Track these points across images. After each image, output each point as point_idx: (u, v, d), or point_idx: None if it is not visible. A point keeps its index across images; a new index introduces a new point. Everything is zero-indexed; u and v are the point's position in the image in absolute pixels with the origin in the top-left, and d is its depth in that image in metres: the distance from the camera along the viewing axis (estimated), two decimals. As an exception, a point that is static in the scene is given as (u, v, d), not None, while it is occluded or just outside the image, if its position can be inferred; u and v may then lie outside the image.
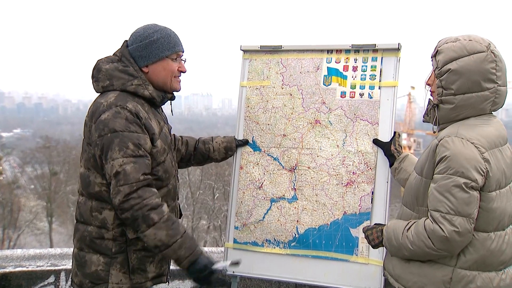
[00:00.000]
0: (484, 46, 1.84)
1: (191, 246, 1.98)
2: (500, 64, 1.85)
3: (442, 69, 1.88)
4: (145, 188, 1.95)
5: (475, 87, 1.83)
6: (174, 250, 1.95)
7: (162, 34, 2.13)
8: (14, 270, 3.12)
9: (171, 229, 1.95)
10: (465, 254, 1.83)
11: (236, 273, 2.65)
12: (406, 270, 1.96)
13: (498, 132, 1.88)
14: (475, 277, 1.84)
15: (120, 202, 1.91)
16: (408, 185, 2.05)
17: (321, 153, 2.52)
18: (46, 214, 29.80)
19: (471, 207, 1.75)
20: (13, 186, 30.36)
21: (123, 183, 1.91)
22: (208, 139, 2.65)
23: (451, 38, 1.91)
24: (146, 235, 1.93)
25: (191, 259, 1.97)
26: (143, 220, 1.91)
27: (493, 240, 1.83)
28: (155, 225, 1.92)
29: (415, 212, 1.96)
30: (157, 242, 1.93)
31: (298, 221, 2.53)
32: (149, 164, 2.01)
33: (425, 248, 1.81)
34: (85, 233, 2.09)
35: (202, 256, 2.00)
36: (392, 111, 2.43)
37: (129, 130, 1.97)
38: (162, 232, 1.93)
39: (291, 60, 2.62)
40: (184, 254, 1.96)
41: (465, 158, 1.76)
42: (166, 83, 2.17)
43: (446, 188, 1.77)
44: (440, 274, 1.86)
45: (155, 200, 1.95)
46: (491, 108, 1.88)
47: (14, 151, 39.93)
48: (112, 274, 2.06)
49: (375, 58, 2.48)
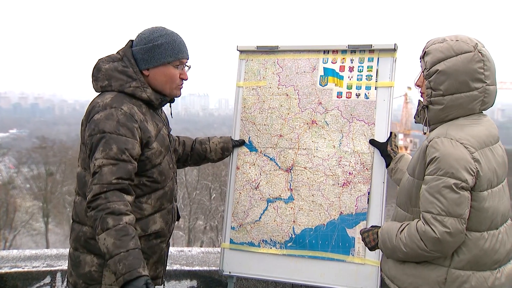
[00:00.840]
0: (471, 46, 1.85)
1: (131, 265, 1.79)
2: (488, 64, 1.85)
3: (430, 70, 1.89)
4: (115, 192, 1.89)
5: (464, 87, 1.84)
6: (114, 263, 1.80)
7: (167, 39, 2.10)
8: (10, 271, 3.11)
9: (119, 239, 1.81)
10: (458, 254, 1.84)
11: (232, 274, 2.65)
12: (401, 271, 1.96)
13: (488, 131, 1.88)
14: (469, 277, 1.84)
15: (88, 200, 1.89)
16: (401, 186, 2.05)
17: (317, 154, 2.52)
18: (42, 214, 29.69)
19: (462, 208, 1.76)
20: (9, 186, 30.23)
21: (96, 183, 1.89)
22: (204, 140, 2.65)
23: (439, 39, 1.91)
24: (99, 238, 1.85)
25: (126, 278, 1.78)
26: (100, 222, 1.84)
27: (487, 240, 1.84)
28: (107, 230, 1.83)
29: (409, 213, 1.97)
30: (104, 248, 1.83)
31: (295, 221, 2.54)
32: (131, 170, 1.96)
33: (418, 249, 1.81)
34: (80, 233, 2.09)
35: (140, 280, 1.78)
36: (388, 111, 2.44)
37: (117, 133, 1.95)
38: (110, 240, 1.82)
39: (287, 61, 2.63)
40: (121, 270, 1.79)
41: (454, 158, 1.76)
42: (164, 89, 2.15)
43: (437, 189, 1.77)
44: (435, 275, 1.86)
45: (119, 206, 1.86)
46: (481, 107, 1.88)
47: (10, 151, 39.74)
48: (105, 275, 2.05)
49: (372, 58, 2.48)
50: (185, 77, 2.19)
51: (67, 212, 28.39)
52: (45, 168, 31.41)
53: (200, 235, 27.50)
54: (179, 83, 2.18)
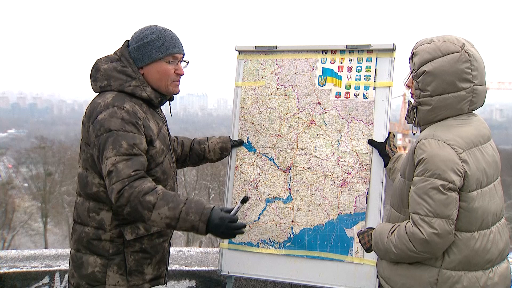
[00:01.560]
0: (458, 46, 1.84)
1: (197, 209, 1.89)
2: (475, 64, 1.84)
3: (418, 71, 1.89)
4: (136, 181, 1.90)
5: (451, 88, 1.84)
6: (184, 220, 1.87)
7: (157, 35, 2.10)
8: (8, 271, 3.11)
9: (171, 202, 1.88)
10: (449, 255, 1.83)
11: (231, 274, 2.65)
12: (395, 272, 1.96)
13: (477, 131, 1.87)
14: (461, 277, 1.83)
15: (115, 199, 1.89)
16: (394, 188, 2.05)
17: (316, 154, 2.52)
18: (40, 214, 29.65)
19: (450, 209, 1.75)
20: (8, 186, 30.18)
21: (115, 181, 1.89)
22: (203, 140, 2.65)
23: (426, 40, 1.92)
24: (153, 220, 1.88)
25: (204, 219, 1.87)
26: (142, 207, 1.86)
27: (477, 240, 1.83)
28: (155, 207, 1.87)
29: (402, 214, 1.97)
30: (165, 220, 1.87)
31: (293, 221, 2.54)
32: (144, 162, 1.98)
33: (408, 251, 1.82)
34: (82, 234, 2.08)
35: (214, 211, 1.89)
36: (386, 111, 2.44)
37: (124, 129, 1.95)
38: (165, 209, 1.86)
39: (286, 61, 2.63)
40: (195, 219, 1.87)
41: (441, 160, 1.76)
42: (160, 86, 2.14)
43: (424, 191, 1.77)
44: (427, 276, 1.86)
45: (147, 185, 1.89)
46: (469, 107, 1.88)
47: (9, 152, 39.70)
48: (109, 275, 2.05)
49: (370, 58, 2.49)
50: (180, 72, 2.17)
51: (65, 212, 28.36)
52: (44, 168, 31.36)
53: (198, 235, 27.46)
54: (174, 78, 2.16)
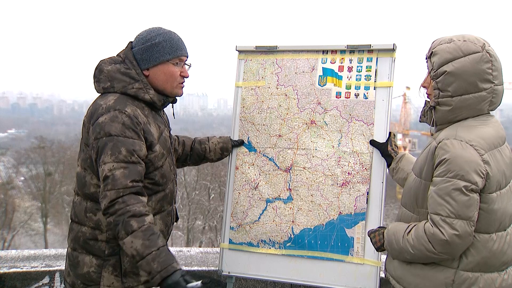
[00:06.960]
0: (479, 46, 1.83)
1: (165, 261, 1.83)
2: (496, 64, 1.83)
3: (438, 71, 1.86)
4: (132, 195, 1.89)
5: (472, 88, 1.82)
6: (147, 262, 1.83)
7: (164, 37, 2.10)
8: (8, 271, 3.11)
9: (148, 239, 1.84)
10: (467, 256, 1.82)
11: (231, 274, 2.65)
12: (408, 272, 1.95)
13: (496, 133, 1.87)
14: (478, 279, 1.83)
15: (105, 206, 1.89)
16: (407, 187, 2.03)
17: (316, 154, 2.52)
18: (40, 214, 29.66)
19: (471, 210, 1.74)
20: (8, 186, 30.18)
21: (110, 188, 1.88)
22: (204, 139, 2.65)
23: (445, 39, 1.88)
24: (124, 242, 1.86)
25: (163, 275, 1.81)
26: (123, 227, 1.85)
27: (495, 241, 1.83)
28: (133, 233, 1.84)
29: (415, 214, 1.95)
30: (133, 251, 1.84)
31: (294, 221, 2.54)
32: (141, 171, 1.97)
33: (426, 251, 1.80)
34: (79, 234, 2.08)
35: (176, 274, 1.82)
36: (387, 111, 2.44)
37: (124, 135, 1.95)
38: (138, 241, 1.83)
39: (286, 61, 2.62)
40: (156, 268, 1.82)
41: (464, 161, 1.74)
42: (165, 88, 2.14)
43: (446, 191, 1.76)
44: (443, 276, 1.85)
45: (139, 208, 1.88)
46: (489, 108, 1.87)
47: (9, 152, 39.69)
48: (104, 276, 2.05)
49: (370, 58, 2.48)
50: (185, 74, 2.18)
51: (65, 212, 28.34)
52: (44, 168, 31.37)
53: (199, 235, 27.47)
54: (180, 81, 2.17)
